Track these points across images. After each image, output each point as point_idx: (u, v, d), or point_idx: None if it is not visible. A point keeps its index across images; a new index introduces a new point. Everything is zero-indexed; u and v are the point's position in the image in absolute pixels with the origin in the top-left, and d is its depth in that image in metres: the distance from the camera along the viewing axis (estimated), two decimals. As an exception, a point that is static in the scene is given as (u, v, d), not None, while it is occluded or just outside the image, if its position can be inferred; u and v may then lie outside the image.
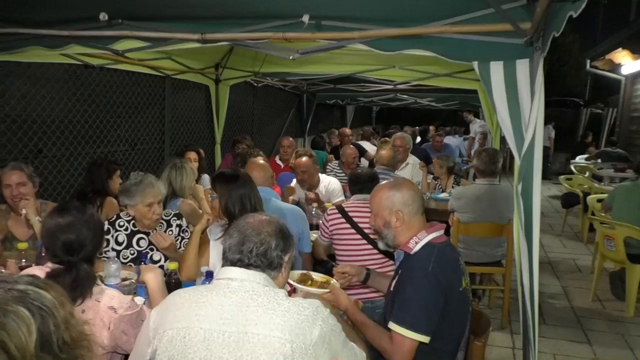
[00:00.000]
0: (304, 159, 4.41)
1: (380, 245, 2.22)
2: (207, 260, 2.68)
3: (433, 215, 4.99)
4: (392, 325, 1.97)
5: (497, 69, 2.29)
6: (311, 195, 4.27)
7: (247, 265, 1.62)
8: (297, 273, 2.39)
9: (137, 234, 2.90)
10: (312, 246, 3.34)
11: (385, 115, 18.97)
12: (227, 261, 1.65)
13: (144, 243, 2.91)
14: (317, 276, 2.39)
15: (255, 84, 7.67)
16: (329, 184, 4.47)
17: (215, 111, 6.23)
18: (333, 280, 2.36)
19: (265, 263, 1.64)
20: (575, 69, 20.78)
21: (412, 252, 2.07)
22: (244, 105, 7.82)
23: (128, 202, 2.84)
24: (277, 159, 6.02)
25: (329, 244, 3.26)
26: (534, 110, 2.15)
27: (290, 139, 5.91)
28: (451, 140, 10.42)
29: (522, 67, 2.24)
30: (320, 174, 4.56)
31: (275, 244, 1.65)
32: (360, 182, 3.33)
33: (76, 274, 1.78)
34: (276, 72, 6.01)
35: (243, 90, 7.56)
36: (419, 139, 10.24)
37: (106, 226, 2.89)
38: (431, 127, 12.91)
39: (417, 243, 2.07)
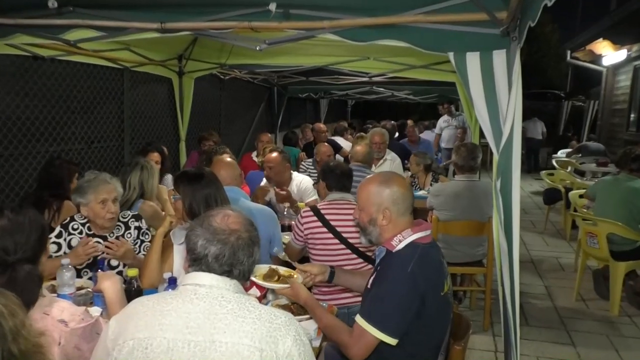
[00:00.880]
0: (274, 154, 4.41)
1: (362, 240, 2.22)
2: (170, 265, 2.65)
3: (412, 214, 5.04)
4: (358, 318, 1.99)
5: (473, 60, 2.33)
6: (282, 192, 4.25)
7: (230, 277, 1.61)
8: (263, 267, 2.41)
9: (92, 238, 2.85)
10: (285, 249, 3.33)
11: (361, 109, 19.08)
12: (208, 269, 1.61)
13: (100, 247, 2.85)
14: (283, 270, 2.43)
15: (222, 77, 7.61)
16: (301, 182, 4.48)
17: (179, 106, 6.15)
18: (296, 275, 2.39)
19: (247, 276, 1.65)
20: (555, 61, 21.29)
21: (394, 250, 2.09)
22: (211, 99, 7.75)
23: (80, 200, 2.80)
24: (253, 155, 5.98)
25: (302, 247, 3.26)
26: (512, 102, 2.19)
27: (269, 135, 5.90)
28: (429, 136, 10.55)
29: (499, 58, 2.29)
30: (292, 172, 4.56)
31: (255, 254, 1.66)
32: (334, 175, 3.30)
33: (13, 274, 1.71)
34: (244, 63, 5.98)
35: (209, 83, 7.49)
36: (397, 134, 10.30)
37: (58, 229, 2.83)
38: (409, 122, 13.03)
39: (401, 241, 2.08)
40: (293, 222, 3.38)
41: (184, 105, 6.18)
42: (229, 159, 3.55)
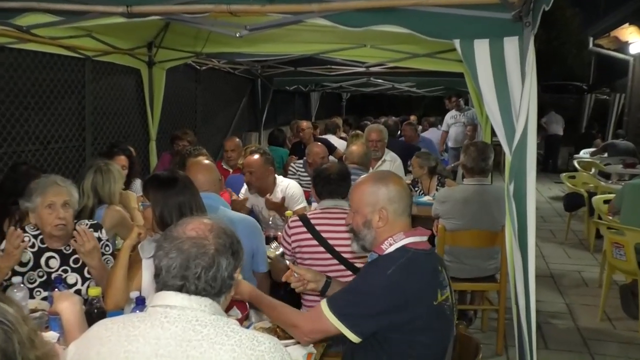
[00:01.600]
0: (254, 156, 4.41)
1: (354, 246, 2.27)
2: (138, 283, 2.64)
3: (415, 222, 5.02)
4: (322, 302, 2.10)
5: (482, 48, 2.35)
6: (273, 200, 4.25)
7: (191, 293, 1.59)
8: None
9: (46, 252, 2.83)
10: (270, 264, 3.33)
11: (357, 104, 19.13)
12: (165, 286, 1.61)
13: (55, 263, 2.84)
14: None
15: (198, 67, 7.61)
16: (287, 187, 4.47)
17: (148, 101, 6.14)
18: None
19: (216, 289, 1.61)
20: (576, 49, 21.42)
21: (382, 254, 2.14)
22: (185, 93, 7.74)
23: (28, 205, 2.79)
24: (223, 163, 5.99)
25: (291, 261, 3.25)
26: (526, 96, 2.21)
27: (237, 140, 5.84)
28: (435, 134, 10.59)
29: (511, 45, 2.31)
30: (277, 176, 4.56)
31: (227, 264, 1.62)
32: (330, 182, 3.31)
33: None
34: (223, 52, 5.98)
35: (183, 74, 7.49)
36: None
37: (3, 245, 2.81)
38: (412, 118, 13.12)
39: (392, 245, 2.13)
40: (279, 234, 3.38)
41: (155, 100, 6.17)
42: (206, 162, 3.54)
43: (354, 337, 2.04)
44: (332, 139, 7.99)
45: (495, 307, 4.39)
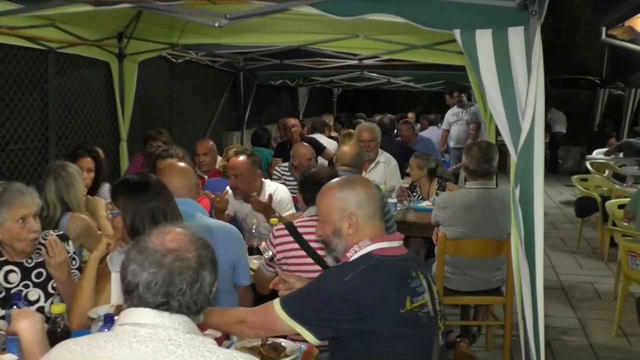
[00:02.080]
0: (241, 158, 4.38)
1: (329, 260, 2.35)
2: (107, 299, 2.62)
3: (413, 230, 5.07)
4: (274, 301, 2.22)
5: (484, 39, 2.37)
6: (260, 200, 4.22)
7: (172, 311, 1.58)
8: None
9: (4, 266, 2.80)
10: (253, 277, 3.33)
11: (350, 100, 19.16)
12: (142, 302, 1.59)
13: (15, 278, 2.81)
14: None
15: (174, 60, 7.59)
16: (276, 192, 4.46)
17: (119, 97, 6.11)
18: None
19: (199, 305, 1.62)
20: (588, 39, 21.56)
21: (347, 261, 2.21)
22: (159, 88, 7.72)
23: None
24: (196, 169, 5.95)
25: (274, 273, 3.26)
26: (532, 91, 2.22)
27: (210, 142, 5.76)
28: (435, 133, 10.63)
29: (516, 36, 2.32)
30: (264, 180, 4.56)
31: (210, 278, 1.64)
32: (311, 185, 3.30)
33: None
34: (201, 43, 5.97)
35: (157, 68, 7.46)
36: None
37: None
38: (410, 115, 13.17)
39: (357, 252, 2.21)
40: (263, 243, 3.37)
41: (126, 97, 6.14)
42: (182, 164, 3.53)
43: (312, 339, 2.15)
44: (321, 138, 7.99)
45: (501, 322, 4.40)
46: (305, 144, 6.06)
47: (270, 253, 3.32)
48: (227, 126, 10.17)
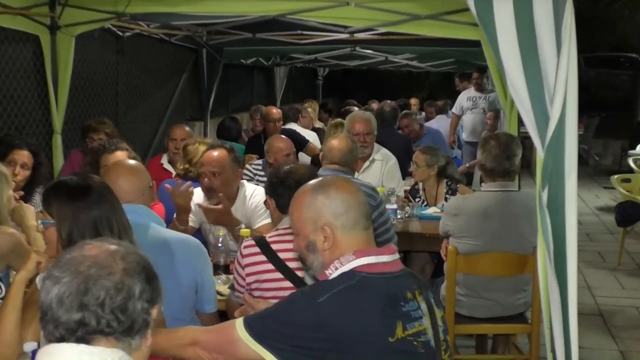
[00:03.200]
0: (216, 152, 4.35)
1: (307, 279, 2.38)
2: (36, 331, 2.60)
3: (418, 242, 5.07)
4: (236, 321, 2.24)
5: (503, 8, 2.38)
6: (213, 208, 4.21)
7: (92, 334, 1.57)
8: None
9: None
10: (225, 303, 3.34)
11: (338, 83, 19.17)
12: (54, 328, 1.58)
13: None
14: None
15: (121, 34, 7.54)
16: (252, 195, 4.46)
17: (51, 79, 6.06)
18: None
19: (125, 324, 1.59)
20: (630, 10, 21.72)
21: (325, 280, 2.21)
22: (102, 68, 7.67)
23: None
24: (164, 159, 5.91)
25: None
26: (562, 71, 2.24)
27: (187, 128, 5.82)
28: (444, 122, 10.65)
29: (542, 5, 2.34)
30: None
31: (141, 290, 1.62)
32: (286, 189, 3.29)
33: None
34: (154, 12, 5.93)
35: (99, 43, 7.40)
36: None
37: None
38: (413, 102, 13.21)
39: (337, 269, 2.20)
40: (235, 261, 3.36)
41: (60, 79, 6.09)
42: (132, 162, 3.51)
43: (257, 347, 2.15)
44: (304, 131, 7.97)
45: (526, 356, 4.41)
46: (283, 136, 6.04)
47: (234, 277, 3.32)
48: (187, 115, 10.12)
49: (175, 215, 4.34)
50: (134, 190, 3.18)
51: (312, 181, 2.37)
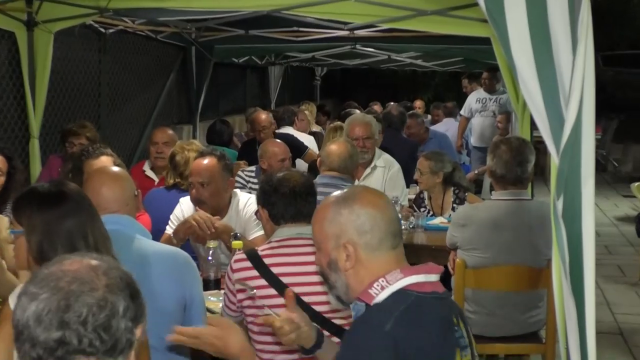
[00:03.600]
0: (207, 161, 4.35)
1: (331, 299, 2.30)
2: (8, 351, 2.59)
3: (423, 255, 5.06)
4: None
5: (515, 3, 2.37)
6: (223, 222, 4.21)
7: (72, 353, 1.55)
8: None
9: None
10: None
11: (337, 84, 19.20)
12: (31, 348, 1.56)
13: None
14: None
15: (103, 30, 7.56)
16: (247, 204, 4.46)
17: (28, 79, 6.06)
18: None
19: (108, 344, 1.58)
20: (650, 3, 21.77)
21: (372, 303, 2.13)
22: (83, 68, 7.67)
23: None
24: (146, 166, 5.91)
25: (239, 319, 3.25)
26: (578, 70, 2.23)
27: (169, 131, 5.81)
28: (452, 126, 10.66)
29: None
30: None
31: (125, 307, 1.61)
32: (280, 197, 3.30)
33: None
34: (139, 8, 5.94)
35: (81, 41, 7.41)
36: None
37: None
38: (417, 104, 13.22)
39: (384, 289, 2.12)
40: (226, 277, 3.36)
41: (37, 79, 6.09)
42: (115, 169, 3.50)
43: None
44: (300, 135, 7.98)
45: (540, 378, 4.42)
46: (277, 140, 6.04)
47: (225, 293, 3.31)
48: (175, 118, 10.14)
49: (169, 228, 4.34)
50: (117, 200, 3.16)
51: (338, 192, 2.33)
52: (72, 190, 2.70)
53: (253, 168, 5.97)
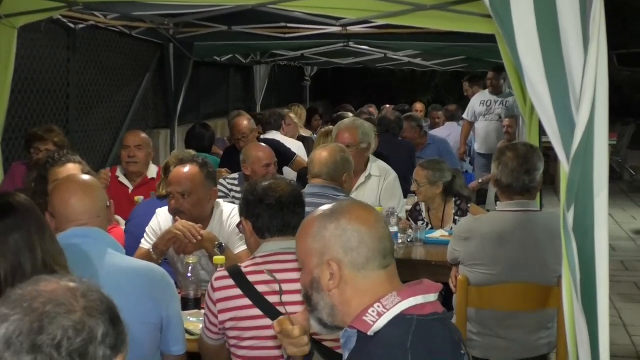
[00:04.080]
0: (187, 168, 4.35)
1: (313, 324, 2.28)
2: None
3: (422, 271, 5.06)
4: None
5: (521, -3, 2.39)
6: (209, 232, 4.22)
7: None
8: None
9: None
10: (199, 344, 3.36)
11: (329, 85, 19.21)
12: None
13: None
14: None
15: (72, 26, 7.53)
16: (231, 215, 4.47)
17: (-11, 79, 6.06)
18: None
19: None
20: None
21: (369, 332, 2.09)
22: (50, 67, 7.66)
23: None
24: (119, 172, 5.91)
25: (221, 342, 3.26)
26: (590, 70, 2.24)
27: (142, 134, 5.80)
28: (455, 132, 10.66)
29: (566, -7, 2.35)
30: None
31: (104, 333, 1.60)
32: (265, 208, 3.31)
33: None
34: (112, 0, 5.93)
35: (48, 37, 7.40)
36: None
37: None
38: (418, 107, 13.24)
39: (381, 315, 2.09)
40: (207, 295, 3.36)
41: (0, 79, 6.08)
42: (85, 177, 3.47)
43: None
44: (287, 140, 7.97)
45: (550, 406, 4.42)
46: (262, 144, 6.04)
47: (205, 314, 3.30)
48: (151, 122, 10.12)
49: (144, 242, 4.34)
50: (88, 211, 3.16)
51: (325, 206, 2.31)
52: (19, 202, 2.69)
53: (236, 175, 5.97)
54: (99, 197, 3.28)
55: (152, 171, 6.02)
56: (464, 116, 10.35)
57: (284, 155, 6.88)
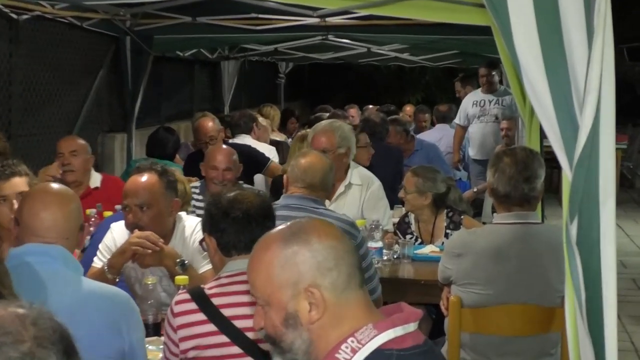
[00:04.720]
0: (145, 178, 4.35)
1: None
2: None
3: (410, 291, 5.08)
4: None
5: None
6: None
7: None
8: None
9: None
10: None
11: (305, 83, 19.23)
12: None
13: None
14: None
15: (15, 16, 7.52)
16: (195, 231, 4.46)
17: None
18: None
19: None
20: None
21: None
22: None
23: None
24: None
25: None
26: (595, 67, 2.26)
27: (79, 140, 5.76)
28: (447, 135, 10.67)
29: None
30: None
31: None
32: (231, 223, 3.32)
33: None
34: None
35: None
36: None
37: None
38: (407, 109, 13.26)
39: (356, 351, 2.06)
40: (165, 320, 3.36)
41: None
42: (64, 191, 3.41)
43: None
44: (259, 145, 7.98)
45: None
46: (226, 146, 6.05)
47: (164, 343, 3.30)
48: (106, 125, 10.10)
49: (97, 260, 4.34)
50: (57, 230, 3.14)
51: (278, 229, 2.24)
52: None
53: (197, 184, 5.96)
54: (74, 216, 3.26)
55: (95, 180, 6.01)
56: (456, 121, 10.35)
57: (256, 162, 6.90)
